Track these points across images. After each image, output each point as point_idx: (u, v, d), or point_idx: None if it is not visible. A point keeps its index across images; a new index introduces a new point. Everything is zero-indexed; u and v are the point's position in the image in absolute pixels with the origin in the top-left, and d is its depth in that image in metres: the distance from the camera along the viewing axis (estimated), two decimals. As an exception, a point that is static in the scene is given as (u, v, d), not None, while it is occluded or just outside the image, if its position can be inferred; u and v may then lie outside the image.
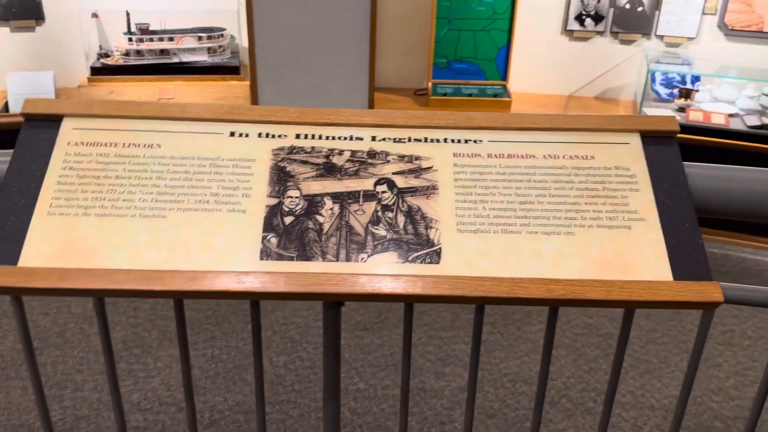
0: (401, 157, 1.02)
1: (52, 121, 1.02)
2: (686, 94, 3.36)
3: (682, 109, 3.34)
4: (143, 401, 2.35)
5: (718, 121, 3.21)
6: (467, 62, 3.53)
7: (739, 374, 2.56)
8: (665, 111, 3.36)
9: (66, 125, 1.02)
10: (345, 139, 1.03)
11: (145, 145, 1.01)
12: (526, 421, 2.31)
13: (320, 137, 1.03)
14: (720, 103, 3.39)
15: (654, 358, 2.64)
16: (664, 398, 2.44)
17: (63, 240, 0.93)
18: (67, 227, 0.94)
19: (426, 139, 1.03)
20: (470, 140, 1.04)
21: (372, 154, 1.02)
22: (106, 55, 3.52)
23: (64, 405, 2.32)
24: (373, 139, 1.03)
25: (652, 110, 3.37)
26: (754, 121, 3.21)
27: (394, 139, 1.03)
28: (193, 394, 1.22)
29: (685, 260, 0.94)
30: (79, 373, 2.46)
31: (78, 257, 0.92)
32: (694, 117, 3.23)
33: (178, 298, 1.00)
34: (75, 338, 2.65)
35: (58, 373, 2.47)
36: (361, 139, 1.03)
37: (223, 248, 0.93)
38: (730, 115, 3.27)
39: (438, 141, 1.03)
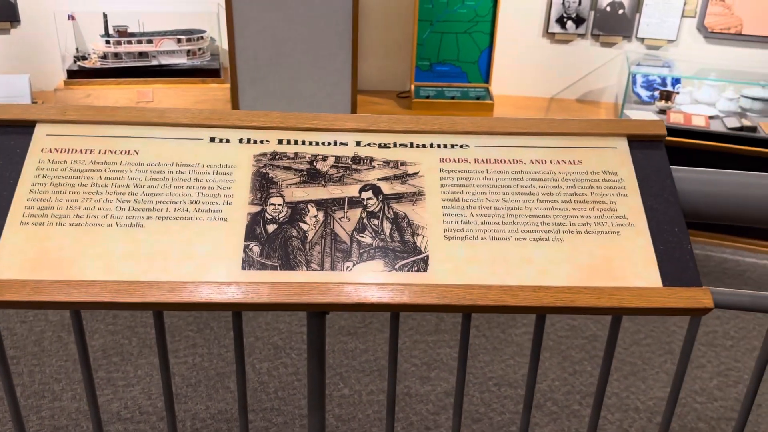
0: (386, 163, 1.00)
1: (25, 127, 0.98)
2: (667, 96, 3.38)
3: (663, 111, 3.36)
4: (123, 410, 2.31)
5: (698, 123, 3.23)
6: (450, 65, 3.52)
7: (723, 375, 2.58)
8: (646, 113, 3.38)
9: (39, 131, 0.99)
10: (329, 144, 1.01)
11: (121, 152, 0.98)
12: (512, 425, 2.30)
13: (303, 143, 1.01)
14: (700, 105, 3.42)
15: (638, 359, 2.65)
16: (649, 400, 2.44)
17: (36, 250, 0.89)
18: (41, 237, 0.90)
19: (411, 144, 1.02)
20: (456, 145, 1.02)
21: (357, 159, 1.00)
22: (83, 58, 3.46)
23: (41, 415, 2.27)
24: (358, 144, 1.01)
25: (633, 112, 3.38)
26: (734, 122, 3.24)
27: (379, 144, 1.01)
28: (174, 403, 1.19)
29: (675, 266, 0.93)
30: (57, 383, 2.41)
31: (52, 268, 0.88)
32: (675, 119, 3.25)
33: (157, 310, 0.97)
34: (53, 347, 2.59)
35: (35, 382, 2.41)
36: (346, 144, 1.01)
37: (203, 258, 0.90)
38: (711, 117, 3.29)
39: (424, 146, 1.01)
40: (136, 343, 2.63)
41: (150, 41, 3.44)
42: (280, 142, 1.00)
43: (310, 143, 1.01)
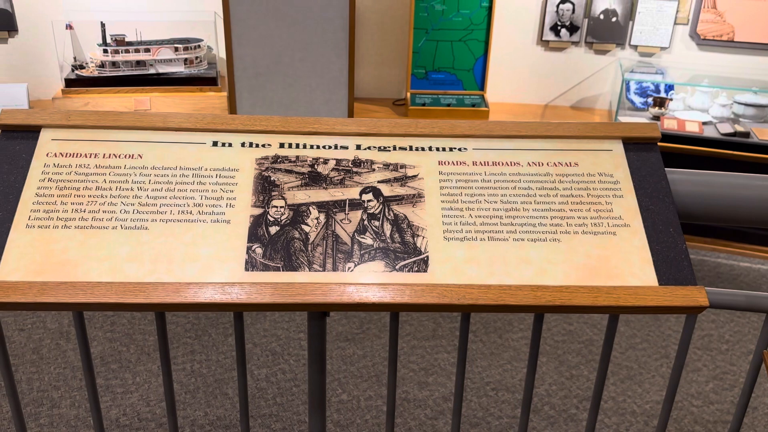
0: (386, 166, 1.01)
1: (30, 132, 1.00)
2: (660, 102, 3.42)
3: (656, 118, 3.39)
4: (122, 417, 2.31)
5: (692, 129, 3.26)
6: (445, 72, 3.55)
7: (718, 378, 2.59)
8: (640, 119, 3.41)
9: (44, 136, 1.00)
10: (330, 147, 1.03)
11: (126, 156, 0.99)
12: (510, 430, 2.31)
13: (305, 146, 1.02)
14: (694, 112, 3.45)
15: (634, 363, 2.66)
16: (646, 404, 2.45)
17: (42, 253, 0.91)
18: (47, 240, 0.92)
19: (411, 148, 1.03)
20: (455, 148, 1.04)
21: (357, 162, 1.01)
22: (81, 67, 3.48)
23: (40, 423, 2.27)
24: (358, 147, 1.03)
25: (627, 119, 3.41)
26: (727, 128, 3.27)
27: (379, 147, 1.03)
28: (174, 408, 1.19)
29: (670, 265, 0.95)
30: (55, 390, 2.41)
31: (58, 270, 0.90)
32: (669, 125, 3.28)
33: (161, 311, 0.98)
34: (51, 354, 2.59)
35: (34, 390, 2.41)
36: (346, 147, 1.03)
37: (207, 259, 0.92)
38: (704, 123, 3.33)
39: (423, 149, 1.03)
40: (134, 350, 2.63)
41: (147, 50, 3.45)
42: (281, 145, 1.02)
43: (312, 147, 1.02)
